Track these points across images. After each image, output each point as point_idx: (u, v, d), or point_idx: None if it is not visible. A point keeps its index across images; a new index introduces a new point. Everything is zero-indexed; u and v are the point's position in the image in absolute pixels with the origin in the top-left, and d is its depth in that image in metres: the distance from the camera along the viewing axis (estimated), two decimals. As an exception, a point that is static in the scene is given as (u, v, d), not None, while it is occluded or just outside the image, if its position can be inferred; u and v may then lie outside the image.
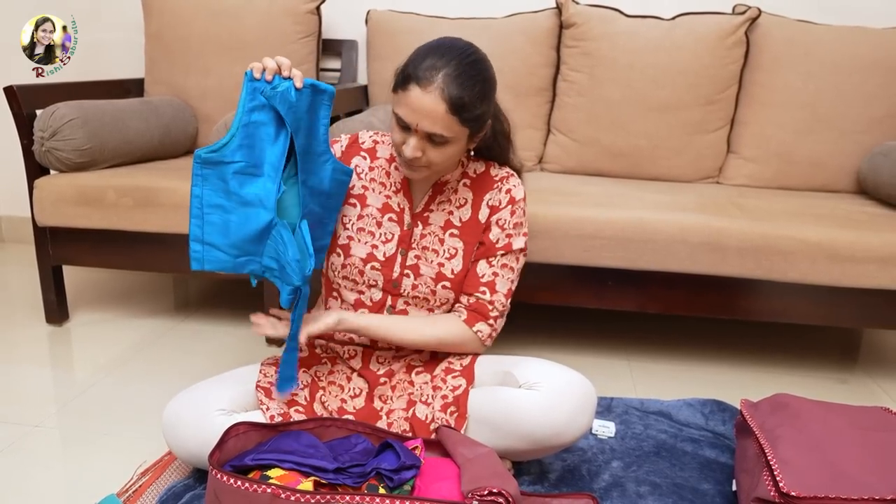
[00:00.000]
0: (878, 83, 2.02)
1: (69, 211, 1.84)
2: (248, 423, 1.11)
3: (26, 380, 1.68)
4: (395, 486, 1.04)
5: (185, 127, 2.22)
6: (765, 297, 1.69)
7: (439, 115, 1.12)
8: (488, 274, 1.30)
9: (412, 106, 1.12)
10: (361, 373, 1.34)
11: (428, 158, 1.17)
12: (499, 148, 1.34)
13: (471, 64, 1.14)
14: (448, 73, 1.11)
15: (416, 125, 1.13)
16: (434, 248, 1.30)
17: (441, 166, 1.21)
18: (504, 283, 1.31)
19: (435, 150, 1.17)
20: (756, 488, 1.09)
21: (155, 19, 2.29)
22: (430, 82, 1.11)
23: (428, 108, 1.11)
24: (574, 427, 1.18)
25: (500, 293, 1.30)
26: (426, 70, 1.11)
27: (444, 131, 1.13)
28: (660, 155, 2.11)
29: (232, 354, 1.83)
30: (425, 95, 1.11)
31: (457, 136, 1.16)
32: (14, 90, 1.80)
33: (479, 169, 1.33)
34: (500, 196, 1.31)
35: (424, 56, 1.13)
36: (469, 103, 1.12)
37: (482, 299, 1.29)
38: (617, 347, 1.96)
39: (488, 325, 1.30)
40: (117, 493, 1.22)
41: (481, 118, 1.18)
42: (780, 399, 1.29)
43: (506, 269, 1.31)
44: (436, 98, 1.11)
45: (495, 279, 1.30)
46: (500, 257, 1.30)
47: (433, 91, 1.11)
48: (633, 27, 2.09)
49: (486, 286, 1.30)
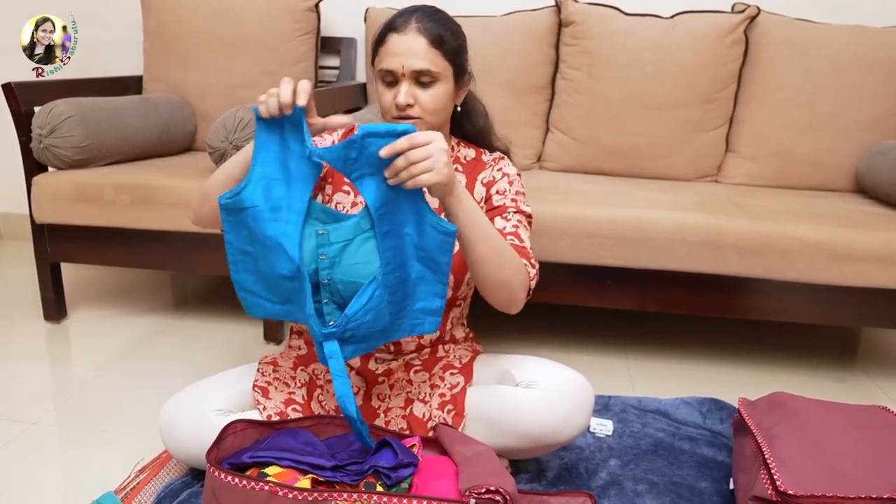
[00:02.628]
0: (878, 82, 2.01)
1: (67, 208, 1.84)
2: (245, 421, 1.11)
3: (24, 377, 1.68)
4: (393, 484, 1.04)
5: (184, 124, 2.22)
6: (763, 296, 1.69)
7: (422, 50, 1.16)
8: (509, 226, 1.24)
9: (395, 51, 1.16)
10: (360, 371, 1.34)
11: (420, 106, 1.18)
12: (480, 128, 1.36)
13: (437, 10, 1.22)
14: (419, 16, 1.18)
15: (402, 68, 1.16)
16: None
17: (433, 118, 1.20)
18: (525, 235, 1.25)
19: (425, 93, 1.18)
20: (753, 487, 1.10)
21: (154, 17, 2.28)
22: (406, 25, 1.17)
23: (410, 46, 1.16)
24: (571, 426, 1.18)
25: (525, 243, 1.23)
26: (399, 19, 1.18)
27: (430, 66, 1.16)
28: (659, 153, 2.11)
29: (230, 351, 1.83)
30: (404, 37, 1.16)
31: (442, 72, 1.18)
32: (12, 87, 1.80)
33: (469, 155, 1.34)
34: (493, 174, 1.31)
35: (394, 15, 1.20)
36: (447, 37, 1.18)
37: (515, 244, 1.21)
38: (615, 346, 1.96)
39: (531, 265, 1.21)
40: (115, 490, 1.21)
41: (461, 54, 1.22)
42: (778, 398, 1.29)
43: (522, 227, 1.25)
44: (415, 36, 1.16)
45: (517, 230, 1.24)
46: (512, 214, 1.26)
47: (411, 31, 1.16)
48: (632, 25, 2.09)
49: (512, 235, 1.22)
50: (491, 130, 1.38)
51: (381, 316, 1.07)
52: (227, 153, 1.80)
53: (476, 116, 1.36)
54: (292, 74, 2.23)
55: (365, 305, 1.04)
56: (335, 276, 1.05)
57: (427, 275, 1.09)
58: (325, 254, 1.04)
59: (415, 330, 1.13)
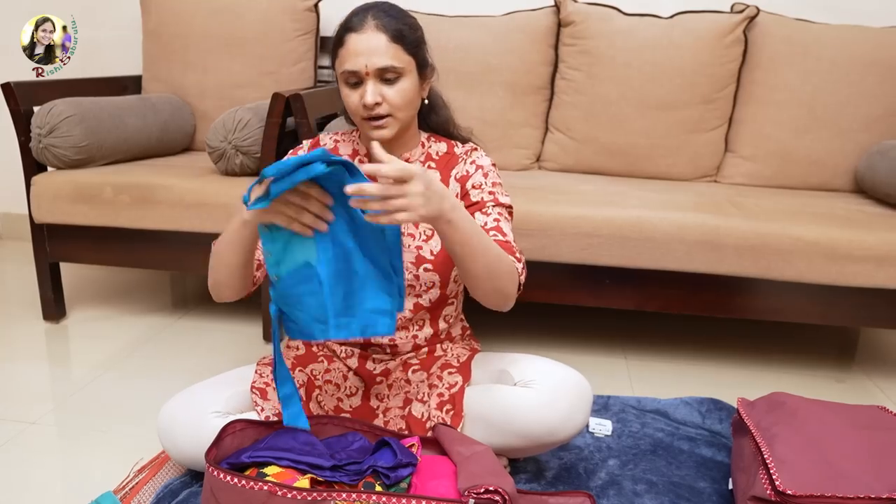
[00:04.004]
0: (876, 82, 2.02)
1: (66, 208, 1.84)
2: (244, 421, 1.11)
3: (23, 377, 1.67)
4: (392, 484, 1.04)
5: (183, 124, 2.22)
6: (762, 296, 1.69)
7: (383, 46, 1.15)
8: (490, 221, 1.22)
9: (355, 51, 1.15)
10: (358, 371, 1.34)
11: (389, 104, 1.17)
12: (444, 119, 1.35)
13: (391, 5, 1.21)
14: (375, 13, 1.17)
15: (365, 67, 1.15)
16: (409, 233, 1.27)
17: (403, 114, 1.20)
18: (509, 229, 1.23)
19: (391, 89, 1.17)
20: (752, 487, 1.10)
21: (153, 16, 2.28)
22: (363, 23, 1.16)
23: (370, 44, 1.15)
24: (569, 425, 1.18)
25: (509, 237, 1.21)
26: (355, 18, 1.17)
27: (394, 61, 1.16)
28: (658, 153, 2.11)
29: (229, 352, 1.83)
30: (363, 35, 1.15)
31: (406, 66, 1.18)
32: (11, 87, 1.80)
33: (441, 150, 1.33)
34: (467, 167, 1.30)
35: (349, 15, 1.19)
36: (406, 31, 1.18)
37: (499, 239, 1.19)
38: (614, 346, 1.96)
39: (517, 260, 1.18)
40: (114, 490, 1.21)
41: (421, 46, 1.22)
42: (777, 398, 1.29)
43: (503, 219, 1.24)
44: (373, 33, 1.15)
45: (499, 223, 1.22)
46: (491, 207, 1.24)
47: (369, 29, 1.15)
48: (631, 25, 2.09)
49: (494, 230, 1.20)
50: (452, 121, 1.37)
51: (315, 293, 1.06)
52: (226, 153, 1.80)
53: (440, 109, 1.35)
54: (291, 74, 2.24)
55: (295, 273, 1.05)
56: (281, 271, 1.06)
57: (372, 272, 1.09)
58: (271, 252, 1.05)
59: (367, 331, 1.10)
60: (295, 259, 1.06)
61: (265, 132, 1.76)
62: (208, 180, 1.82)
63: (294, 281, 1.06)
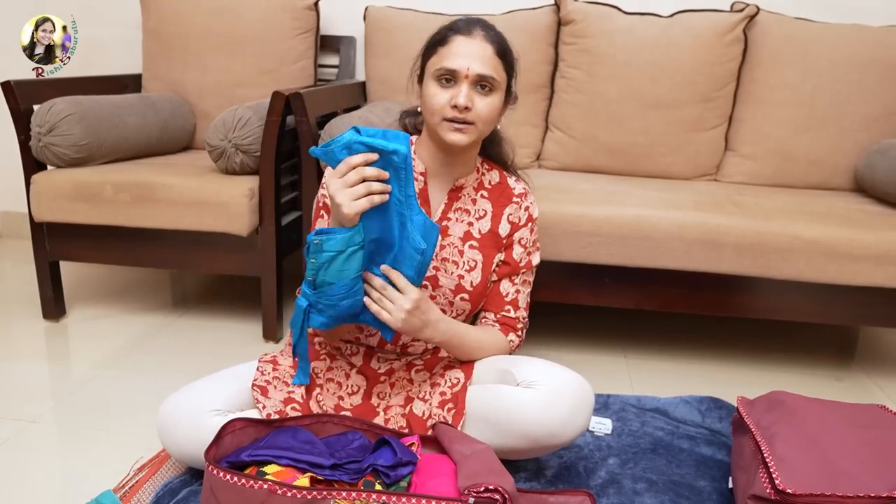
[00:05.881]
0: (876, 81, 2.02)
1: (66, 206, 1.83)
2: (244, 420, 1.11)
3: (23, 375, 1.67)
4: (392, 483, 1.04)
5: (183, 123, 2.22)
6: (762, 295, 1.69)
7: (488, 56, 1.19)
8: (511, 292, 1.36)
9: (461, 52, 1.18)
10: (361, 370, 1.34)
11: (476, 111, 1.19)
12: (505, 151, 1.39)
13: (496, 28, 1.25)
14: (484, 25, 1.22)
15: (467, 69, 1.17)
16: (454, 260, 1.30)
17: (484, 126, 1.22)
18: (524, 298, 1.38)
19: (482, 100, 1.19)
20: (752, 485, 1.10)
21: (152, 15, 2.28)
22: (472, 30, 1.20)
23: (477, 50, 1.18)
24: (571, 427, 1.18)
25: (521, 309, 1.37)
26: (463, 23, 1.22)
27: (494, 73, 1.19)
28: (657, 152, 2.11)
29: (229, 350, 1.83)
30: (471, 40, 1.19)
31: (500, 83, 1.21)
32: (11, 85, 1.79)
33: (493, 179, 1.35)
34: (521, 213, 1.35)
35: (456, 20, 1.23)
36: (508, 49, 1.23)
37: (508, 316, 1.35)
38: (614, 344, 1.96)
39: (517, 336, 1.36)
40: (114, 488, 1.22)
41: (515, 73, 1.26)
42: (777, 396, 1.29)
43: (525, 285, 1.38)
44: (482, 42, 1.19)
45: (518, 297, 1.36)
46: (521, 275, 1.37)
47: (477, 37, 1.20)
48: (631, 24, 2.09)
49: (510, 305, 1.35)
50: (511, 158, 1.41)
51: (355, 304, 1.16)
52: (226, 151, 1.80)
53: (503, 142, 1.39)
54: (291, 73, 2.24)
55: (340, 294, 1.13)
56: (319, 277, 1.11)
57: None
58: (316, 259, 1.09)
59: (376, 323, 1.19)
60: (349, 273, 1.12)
61: (265, 131, 1.76)
62: (208, 179, 1.82)
63: (343, 292, 1.13)
